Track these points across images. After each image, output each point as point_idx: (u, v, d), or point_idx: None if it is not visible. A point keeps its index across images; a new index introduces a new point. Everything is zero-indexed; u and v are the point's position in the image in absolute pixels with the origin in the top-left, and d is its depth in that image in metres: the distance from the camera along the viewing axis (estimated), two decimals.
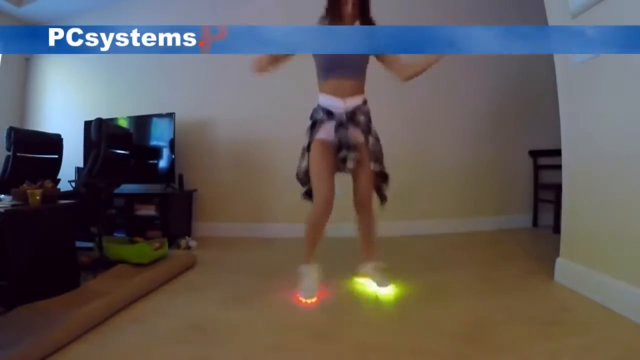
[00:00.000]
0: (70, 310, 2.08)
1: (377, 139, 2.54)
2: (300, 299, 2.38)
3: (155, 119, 4.73)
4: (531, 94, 4.71)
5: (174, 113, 4.58)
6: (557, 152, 2.74)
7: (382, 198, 2.62)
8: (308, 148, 2.47)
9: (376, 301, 2.41)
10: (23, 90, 5.75)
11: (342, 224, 2.91)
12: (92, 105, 5.28)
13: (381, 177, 2.58)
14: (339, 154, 2.38)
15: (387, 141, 4.58)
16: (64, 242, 2.74)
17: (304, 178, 2.53)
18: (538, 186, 4.59)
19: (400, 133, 4.55)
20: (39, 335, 1.78)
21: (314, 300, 2.37)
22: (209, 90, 4.90)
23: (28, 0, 5.18)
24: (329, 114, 2.40)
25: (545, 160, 4.50)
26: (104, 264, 3.13)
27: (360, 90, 2.47)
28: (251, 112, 4.73)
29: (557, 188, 3.34)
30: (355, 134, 2.40)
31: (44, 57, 5.71)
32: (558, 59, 2.62)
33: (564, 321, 1.97)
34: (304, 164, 2.50)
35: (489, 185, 4.68)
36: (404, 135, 4.57)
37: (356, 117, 2.40)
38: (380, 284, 2.51)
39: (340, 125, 2.37)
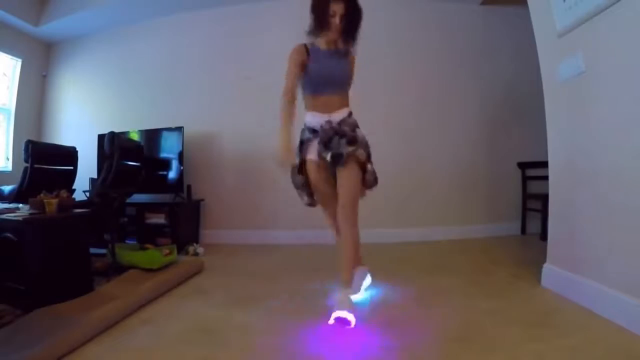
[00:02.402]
0: (85, 313, 2.09)
1: (365, 145, 2.44)
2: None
3: (165, 133, 4.74)
4: (519, 109, 4.74)
5: (183, 127, 4.60)
6: (544, 164, 2.75)
7: (371, 182, 2.51)
8: (300, 167, 2.45)
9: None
10: (40, 105, 5.78)
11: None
12: (105, 119, 5.31)
13: (373, 178, 2.52)
14: (331, 166, 2.34)
15: (380, 152, 4.63)
16: (79, 249, 2.75)
17: (304, 188, 2.49)
18: (526, 196, 4.60)
19: (393, 144, 4.59)
20: (55, 337, 1.79)
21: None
22: (216, 105, 4.94)
23: (45, 20, 5.23)
24: (315, 132, 2.39)
25: (533, 172, 4.52)
26: (116, 269, 3.14)
27: (345, 104, 2.47)
28: (256, 126, 4.75)
29: (544, 198, 3.35)
30: (340, 144, 2.30)
31: (60, 74, 5.76)
32: (545, 75, 2.65)
33: (550, 323, 1.98)
34: (298, 179, 2.47)
35: (480, 194, 4.70)
36: (397, 145, 4.61)
37: (341, 129, 2.35)
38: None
39: (328, 139, 2.32)
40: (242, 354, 1.78)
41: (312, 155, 2.39)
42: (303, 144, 2.44)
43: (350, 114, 2.47)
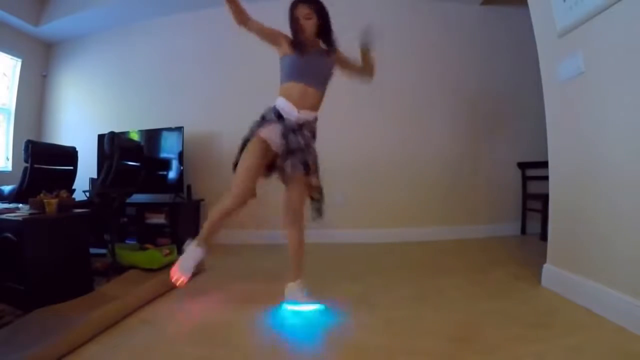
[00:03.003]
0: (85, 313, 2.08)
1: (315, 155, 2.45)
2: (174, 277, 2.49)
3: (165, 133, 4.74)
4: (519, 109, 4.75)
5: (183, 127, 4.60)
6: (544, 164, 2.75)
7: (319, 213, 2.49)
8: (247, 140, 2.43)
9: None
10: (40, 105, 5.78)
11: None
12: (105, 119, 5.31)
13: (318, 192, 2.48)
14: (281, 160, 2.34)
15: (380, 152, 4.63)
16: (79, 249, 2.75)
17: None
18: (526, 196, 4.60)
19: (393, 144, 4.60)
20: (55, 337, 1.79)
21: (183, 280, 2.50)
22: (216, 105, 4.94)
23: (45, 20, 5.23)
24: (280, 117, 2.34)
25: (533, 172, 4.52)
26: (116, 269, 3.14)
27: (316, 104, 2.44)
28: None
29: (544, 198, 3.35)
30: (296, 143, 2.31)
31: (60, 74, 5.77)
32: (545, 76, 2.65)
33: (551, 323, 1.98)
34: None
35: (480, 195, 4.71)
36: (397, 146, 4.62)
37: (303, 130, 2.35)
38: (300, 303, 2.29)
39: (289, 131, 2.31)
40: (242, 354, 1.78)
41: (266, 134, 2.33)
42: (264, 120, 2.40)
43: (315, 119, 2.46)
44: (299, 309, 2.27)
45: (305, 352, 1.79)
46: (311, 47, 2.43)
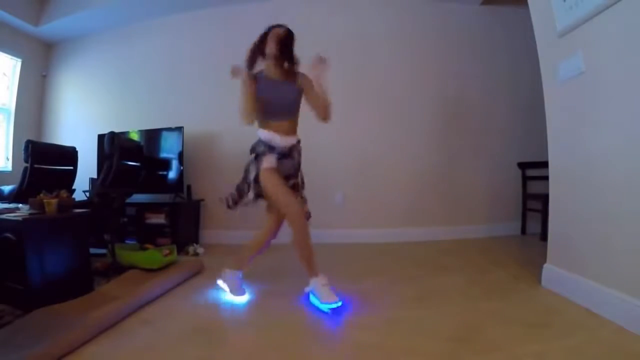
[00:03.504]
0: (85, 313, 2.09)
1: (302, 173, 2.68)
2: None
3: (165, 133, 4.75)
4: (519, 108, 4.75)
5: (183, 127, 4.60)
6: (544, 164, 2.75)
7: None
8: (256, 179, 2.53)
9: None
10: (40, 105, 5.79)
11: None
12: (105, 119, 5.31)
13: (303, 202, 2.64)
14: (287, 181, 2.54)
15: (380, 151, 4.63)
16: (79, 249, 2.74)
17: (254, 189, 2.57)
18: (526, 196, 4.60)
19: (393, 144, 4.59)
20: (55, 337, 1.80)
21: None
22: (216, 105, 4.93)
23: (45, 20, 5.24)
24: (270, 147, 2.51)
25: (533, 172, 4.52)
26: (116, 269, 3.14)
27: (294, 130, 2.63)
28: (255, 127, 4.74)
29: (544, 198, 3.35)
30: (290, 166, 2.57)
31: (60, 74, 5.77)
32: (545, 76, 2.65)
33: (550, 323, 1.98)
34: (251, 195, 2.59)
35: (480, 195, 4.71)
36: (397, 146, 4.61)
37: (292, 154, 2.58)
38: (323, 301, 2.30)
39: (281, 157, 2.52)
40: (241, 354, 1.78)
41: (267, 164, 2.49)
42: (258, 157, 2.55)
43: (298, 141, 2.65)
44: (322, 304, 2.29)
45: (305, 352, 1.79)
46: (279, 72, 2.59)
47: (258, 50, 2.59)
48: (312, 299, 2.42)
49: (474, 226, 4.63)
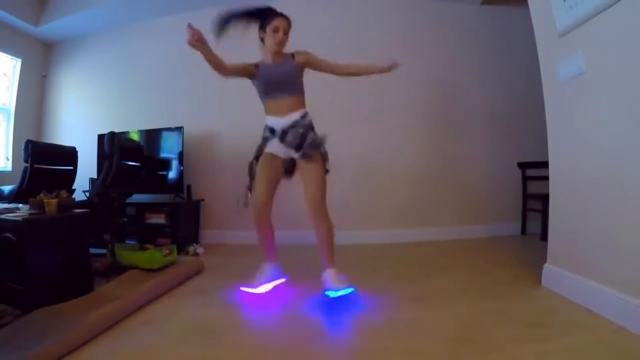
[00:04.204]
0: (85, 314, 2.09)
1: (314, 138, 2.57)
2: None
3: (165, 133, 4.75)
4: (519, 108, 4.75)
5: (183, 127, 4.61)
6: (545, 164, 2.75)
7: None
8: (256, 160, 2.70)
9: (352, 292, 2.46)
10: (40, 105, 5.79)
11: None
12: (105, 119, 5.32)
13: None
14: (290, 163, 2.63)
15: (380, 152, 4.63)
16: (79, 249, 2.74)
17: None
18: (526, 196, 4.59)
19: (392, 144, 4.59)
20: (55, 337, 1.79)
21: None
22: (216, 105, 4.94)
23: (45, 20, 5.24)
24: (272, 131, 2.61)
25: (533, 172, 4.51)
26: (116, 269, 3.14)
27: (298, 105, 2.63)
28: (255, 126, 4.71)
29: (545, 198, 3.34)
30: (293, 139, 2.54)
31: (60, 74, 5.77)
32: (545, 76, 2.65)
33: (551, 324, 1.99)
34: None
35: (480, 195, 4.71)
36: (396, 146, 4.61)
37: (296, 128, 2.55)
38: (330, 288, 2.42)
39: (284, 136, 2.56)
40: (241, 354, 1.78)
41: (269, 149, 2.63)
42: (264, 140, 2.67)
43: (304, 115, 2.62)
44: (337, 293, 2.36)
45: (305, 352, 1.78)
46: (275, 56, 2.65)
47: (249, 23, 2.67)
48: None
49: (474, 226, 4.62)
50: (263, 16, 2.63)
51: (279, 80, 2.59)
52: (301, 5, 4.74)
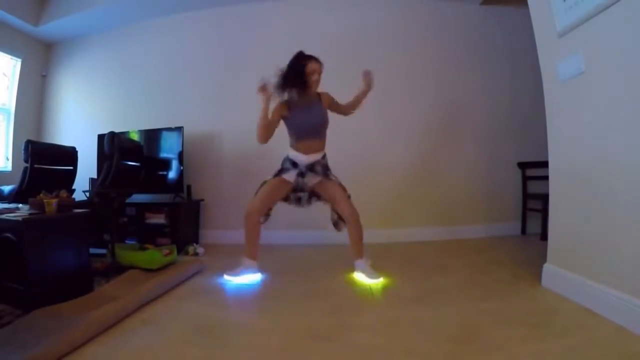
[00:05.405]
0: (85, 313, 2.09)
1: (333, 179, 3.05)
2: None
3: (165, 133, 4.75)
4: (519, 108, 4.75)
5: (183, 127, 4.60)
6: (545, 164, 2.75)
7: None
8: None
9: (370, 290, 2.65)
10: (40, 105, 5.79)
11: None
12: (105, 119, 5.32)
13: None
14: (295, 194, 3.09)
15: (380, 152, 4.64)
16: (79, 249, 2.74)
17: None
18: (526, 196, 4.60)
19: (393, 144, 4.59)
20: (55, 337, 1.79)
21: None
22: (216, 105, 4.94)
23: (45, 20, 5.24)
24: (294, 164, 2.97)
25: (533, 172, 4.52)
26: (116, 269, 3.15)
27: (321, 148, 3.04)
28: (254, 127, 4.75)
29: (544, 198, 3.35)
30: (312, 180, 3.01)
31: (60, 74, 5.77)
32: (546, 75, 2.64)
33: (551, 323, 1.98)
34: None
35: (480, 195, 4.70)
36: (396, 146, 4.61)
37: (314, 168, 2.98)
38: (370, 277, 2.83)
39: (300, 174, 2.96)
40: (242, 354, 1.78)
41: (285, 176, 2.98)
42: (283, 171, 2.99)
43: (323, 156, 3.06)
44: (367, 280, 2.82)
45: (305, 352, 1.78)
46: (308, 98, 2.95)
47: (293, 83, 2.85)
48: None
49: (474, 226, 4.62)
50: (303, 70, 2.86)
51: (314, 128, 2.96)
52: (301, 6, 4.77)
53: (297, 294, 2.61)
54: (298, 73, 2.84)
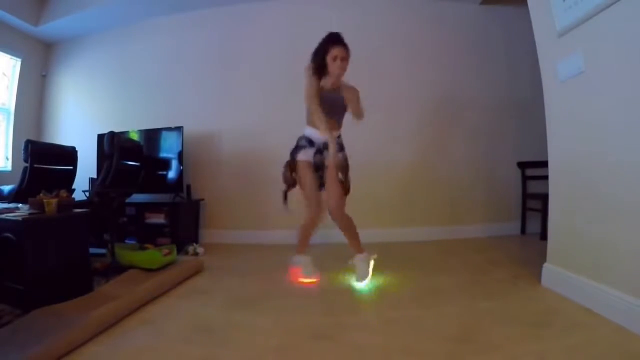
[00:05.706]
0: (85, 313, 2.09)
1: (345, 159, 2.99)
2: (303, 279, 2.90)
3: (164, 133, 4.75)
4: (519, 108, 4.74)
5: (183, 127, 4.60)
6: (544, 164, 2.75)
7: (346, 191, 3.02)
8: (291, 165, 2.95)
9: (352, 291, 2.69)
10: (40, 105, 5.79)
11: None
12: (105, 119, 5.31)
13: (343, 187, 2.97)
14: (317, 174, 2.92)
15: (380, 152, 4.63)
16: (79, 249, 2.75)
17: (291, 181, 2.98)
18: (526, 196, 4.60)
19: (393, 145, 4.59)
20: (55, 337, 1.79)
21: (313, 280, 2.89)
22: (216, 105, 4.94)
23: (45, 20, 5.24)
24: (311, 142, 2.90)
25: (533, 172, 4.52)
26: (116, 269, 3.14)
27: (339, 127, 2.98)
28: (254, 126, 4.77)
29: (544, 198, 3.35)
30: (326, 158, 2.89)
31: (60, 74, 5.77)
32: (545, 75, 2.64)
33: (551, 323, 1.98)
34: (288, 174, 2.97)
35: (480, 195, 4.70)
36: (397, 146, 4.61)
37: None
38: (359, 278, 2.82)
39: (318, 152, 2.89)
40: (242, 354, 1.78)
41: (304, 157, 2.89)
42: (299, 148, 2.92)
43: (339, 136, 2.99)
44: (355, 281, 2.82)
45: (305, 352, 1.79)
46: (333, 85, 2.88)
47: (316, 66, 2.82)
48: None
49: (474, 226, 4.62)
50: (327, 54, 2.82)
51: (337, 109, 2.90)
52: (301, 6, 4.76)
53: (296, 294, 2.61)
54: (320, 56, 2.82)
